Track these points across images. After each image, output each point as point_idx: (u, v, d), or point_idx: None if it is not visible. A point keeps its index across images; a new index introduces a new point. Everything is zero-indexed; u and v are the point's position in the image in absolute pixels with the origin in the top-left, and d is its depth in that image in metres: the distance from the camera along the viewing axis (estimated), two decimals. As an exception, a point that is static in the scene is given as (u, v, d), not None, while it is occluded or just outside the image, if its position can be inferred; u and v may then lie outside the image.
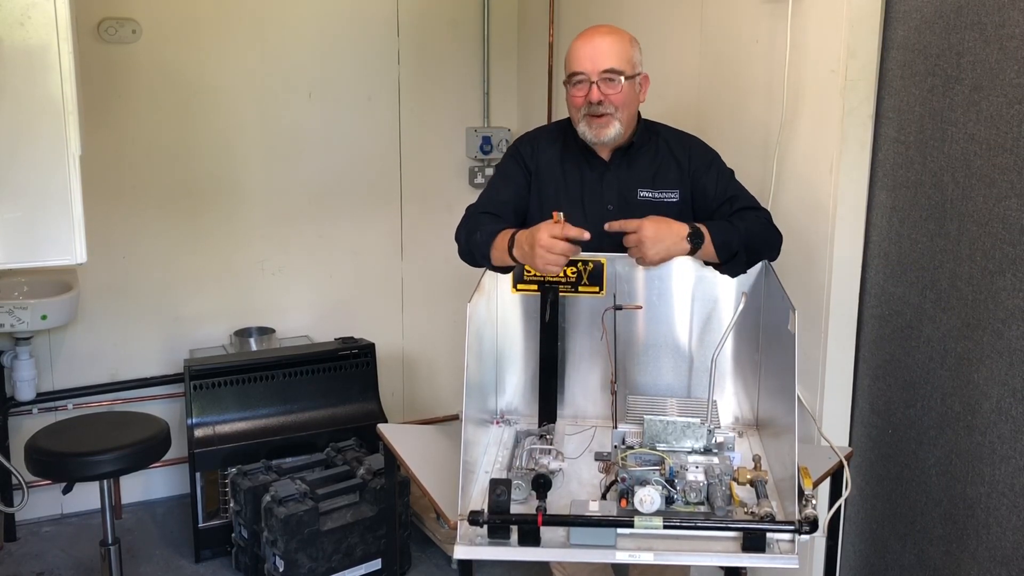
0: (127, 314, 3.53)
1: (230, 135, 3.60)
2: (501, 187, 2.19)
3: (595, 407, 2.16)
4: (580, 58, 2.08)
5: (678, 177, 2.14)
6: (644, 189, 2.14)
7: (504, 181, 2.20)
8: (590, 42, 2.09)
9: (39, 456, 2.53)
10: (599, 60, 2.06)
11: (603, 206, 2.13)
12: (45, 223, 2.05)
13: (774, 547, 1.61)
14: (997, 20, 1.84)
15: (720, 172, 2.15)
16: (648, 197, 2.13)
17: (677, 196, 2.13)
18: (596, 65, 2.06)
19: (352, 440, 3.32)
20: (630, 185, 2.14)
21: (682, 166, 2.15)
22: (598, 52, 2.07)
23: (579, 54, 2.09)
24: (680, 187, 2.14)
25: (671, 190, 2.14)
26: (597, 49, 2.07)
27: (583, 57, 2.08)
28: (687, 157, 2.15)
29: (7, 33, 1.96)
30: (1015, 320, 1.81)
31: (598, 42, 2.08)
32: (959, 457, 1.99)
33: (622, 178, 2.15)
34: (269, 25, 3.59)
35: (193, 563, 3.23)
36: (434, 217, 3.96)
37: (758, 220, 2.09)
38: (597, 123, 2.08)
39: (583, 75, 2.07)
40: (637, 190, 2.14)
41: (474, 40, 3.98)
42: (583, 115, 2.09)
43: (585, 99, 2.07)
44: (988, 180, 1.87)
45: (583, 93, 2.08)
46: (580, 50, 2.09)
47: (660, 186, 2.14)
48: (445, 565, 3.22)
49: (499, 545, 1.64)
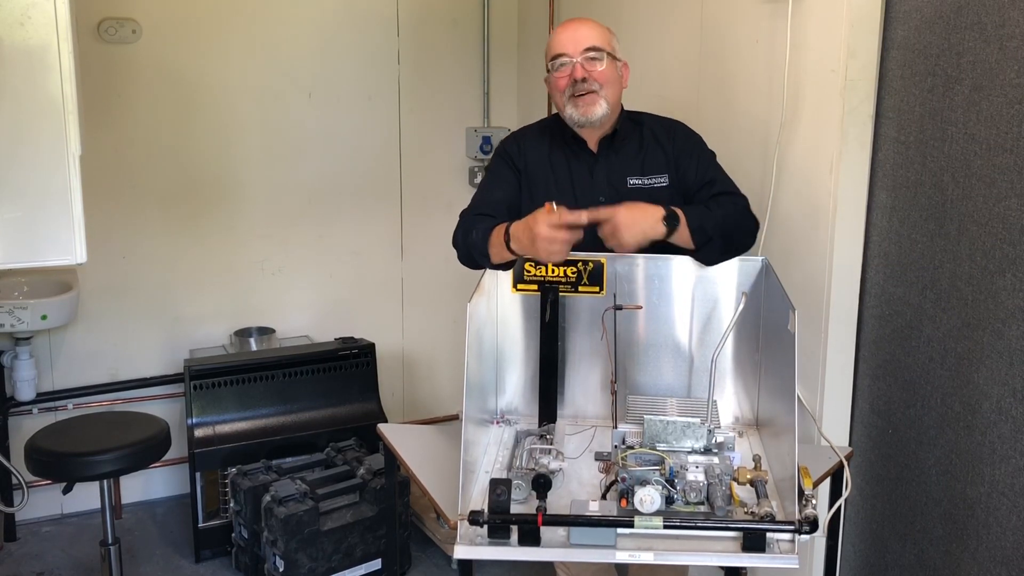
0: (127, 314, 3.53)
1: (230, 135, 3.60)
2: (492, 188, 2.20)
3: (595, 407, 2.16)
4: (561, 41, 2.12)
5: (664, 161, 2.16)
6: (633, 177, 2.15)
7: (495, 182, 2.21)
8: (569, 27, 2.14)
9: (39, 456, 2.53)
10: (580, 40, 2.10)
11: (594, 198, 2.13)
12: (45, 223, 2.05)
13: (774, 547, 1.60)
14: (997, 20, 1.84)
15: (701, 156, 2.17)
16: (638, 184, 2.14)
17: (666, 180, 2.15)
18: (578, 45, 2.10)
19: (352, 440, 3.32)
20: (620, 174, 2.15)
21: (667, 150, 2.17)
22: (579, 34, 2.11)
23: (560, 39, 2.13)
24: (668, 171, 2.16)
25: (660, 175, 2.15)
26: (577, 32, 2.12)
27: (564, 40, 2.12)
28: (670, 140, 2.18)
29: (7, 33, 1.96)
30: (1015, 320, 1.81)
31: (577, 25, 2.14)
32: (959, 457, 1.99)
33: (611, 168, 2.16)
34: (269, 25, 3.59)
35: (193, 563, 3.23)
36: (434, 217, 3.97)
37: (735, 206, 2.09)
38: (583, 102, 2.09)
39: (565, 56, 2.10)
40: (627, 178, 2.15)
41: (474, 40, 3.98)
42: (568, 97, 2.11)
43: (569, 78, 2.09)
44: (988, 180, 1.87)
45: (567, 73, 2.10)
46: (561, 35, 2.14)
47: (649, 172, 2.16)
48: (445, 565, 3.22)
49: (499, 545, 1.64)
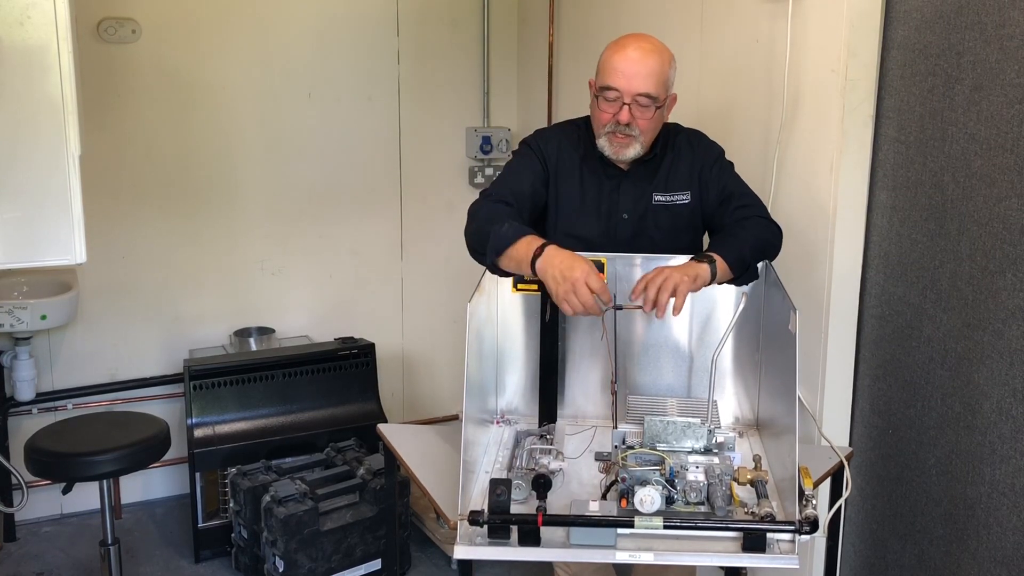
0: (127, 314, 3.53)
1: (230, 135, 3.60)
2: (521, 178, 2.11)
3: (595, 407, 2.16)
4: (616, 72, 2.00)
5: (688, 177, 2.13)
6: (658, 193, 2.13)
7: (525, 173, 2.12)
8: (630, 57, 2.00)
9: (39, 456, 2.53)
10: (636, 82, 1.98)
11: (618, 215, 2.13)
12: (45, 223, 2.05)
13: (774, 547, 1.60)
14: (997, 20, 1.84)
15: (722, 171, 2.14)
16: (662, 201, 2.13)
17: (688, 198, 2.13)
18: (632, 86, 1.98)
19: (352, 440, 3.32)
20: (646, 190, 2.13)
21: (691, 164, 2.14)
22: (637, 72, 1.98)
23: (616, 66, 2.00)
24: (691, 187, 2.13)
25: (683, 192, 2.13)
26: (636, 68, 1.99)
27: (620, 72, 1.99)
28: (693, 155, 2.14)
29: (7, 33, 1.96)
30: (1015, 320, 1.81)
31: (638, 60, 1.99)
32: (959, 457, 1.99)
33: (638, 184, 2.13)
34: (269, 25, 3.59)
35: (193, 563, 3.23)
36: (434, 217, 3.96)
37: (759, 222, 2.08)
38: (619, 142, 2.04)
39: (617, 92, 2.00)
40: (653, 194, 2.13)
41: (474, 40, 3.98)
42: (606, 131, 2.04)
43: (613, 117, 2.02)
44: (988, 180, 1.87)
45: (613, 111, 2.01)
46: (619, 63, 2.00)
47: (672, 188, 2.13)
48: (445, 565, 3.22)
49: (499, 545, 1.64)
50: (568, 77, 3.61)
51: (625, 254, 2.08)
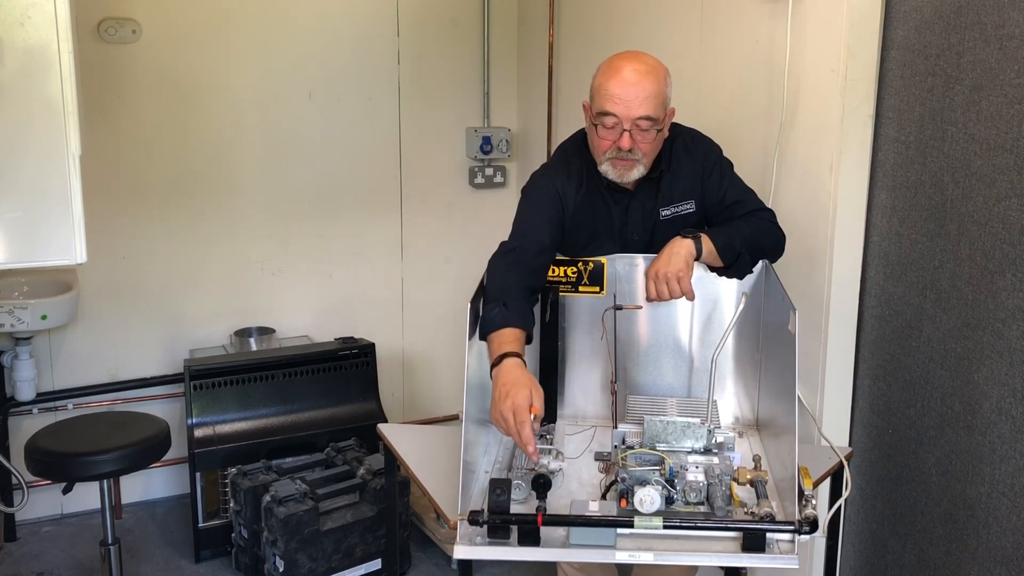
0: (127, 314, 3.53)
1: (230, 135, 3.59)
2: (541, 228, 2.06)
3: (595, 407, 2.16)
4: (614, 98, 1.95)
5: (691, 184, 2.12)
6: (664, 208, 2.12)
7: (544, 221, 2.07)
8: (626, 82, 1.95)
9: (39, 456, 2.53)
10: (634, 106, 1.94)
11: (629, 236, 2.13)
12: (45, 223, 2.05)
13: (774, 547, 1.61)
14: (997, 20, 1.84)
15: (722, 173, 2.13)
16: (669, 215, 2.12)
17: (693, 206, 2.12)
18: (630, 111, 1.94)
19: (352, 440, 3.32)
20: (653, 207, 2.12)
21: (692, 170, 2.12)
22: (635, 97, 1.94)
23: (613, 92, 1.95)
24: (694, 195, 2.12)
25: (687, 201, 2.12)
26: (633, 92, 1.94)
27: (617, 98, 1.95)
28: (692, 161, 2.13)
29: (7, 33, 1.96)
30: (1015, 320, 1.81)
31: (634, 84, 1.95)
32: (959, 457, 1.99)
33: (645, 202, 2.12)
34: (269, 25, 3.59)
35: (193, 563, 3.23)
36: (434, 217, 3.96)
37: (760, 221, 2.09)
38: (622, 165, 2.01)
39: (615, 118, 1.96)
40: (659, 210, 2.12)
41: (474, 40, 3.98)
42: (608, 158, 2.01)
43: (614, 144, 1.98)
44: (988, 180, 1.87)
45: (613, 138, 1.98)
46: (614, 88, 1.95)
47: (677, 199, 2.12)
48: (445, 565, 3.22)
49: (499, 545, 1.64)
50: (568, 77, 3.61)
51: (625, 254, 2.09)
